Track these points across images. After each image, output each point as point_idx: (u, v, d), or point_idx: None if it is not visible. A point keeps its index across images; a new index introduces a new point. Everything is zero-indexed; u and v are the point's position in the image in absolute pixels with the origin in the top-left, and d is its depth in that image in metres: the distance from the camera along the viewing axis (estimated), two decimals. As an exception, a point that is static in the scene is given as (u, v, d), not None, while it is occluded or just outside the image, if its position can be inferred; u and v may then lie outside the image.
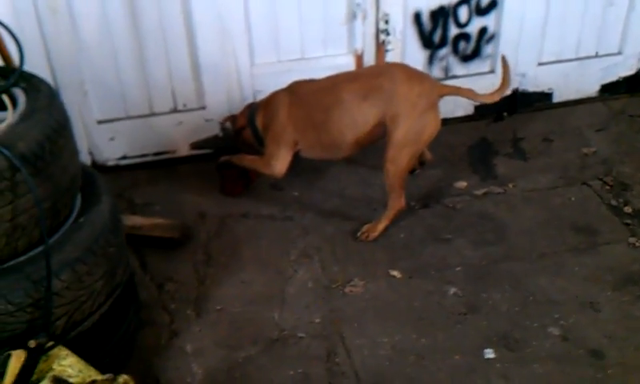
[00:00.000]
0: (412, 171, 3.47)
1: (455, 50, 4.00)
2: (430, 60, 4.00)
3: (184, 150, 3.83)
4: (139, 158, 3.79)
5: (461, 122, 4.15)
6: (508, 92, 3.22)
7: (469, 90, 3.15)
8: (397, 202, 3.18)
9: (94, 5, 3.34)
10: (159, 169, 3.83)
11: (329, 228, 3.35)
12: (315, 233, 3.32)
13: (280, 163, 3.25)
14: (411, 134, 3.03)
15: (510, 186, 3.63)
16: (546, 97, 4.29)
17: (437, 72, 4.05)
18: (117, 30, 3.43)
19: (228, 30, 3.56)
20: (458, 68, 4.07)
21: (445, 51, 3.99)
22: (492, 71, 4.09)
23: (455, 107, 3.99)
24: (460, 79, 4.03)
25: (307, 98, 3.21)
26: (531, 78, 4.19)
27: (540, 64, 4.17)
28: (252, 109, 3.40)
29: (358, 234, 3.25)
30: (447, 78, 4.06)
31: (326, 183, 3.70)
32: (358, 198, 3.58)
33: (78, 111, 3.51)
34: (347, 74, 3.31)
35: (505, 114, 4.22)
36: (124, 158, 3.77)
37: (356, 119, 3.08)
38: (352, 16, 3.71)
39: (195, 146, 3.77)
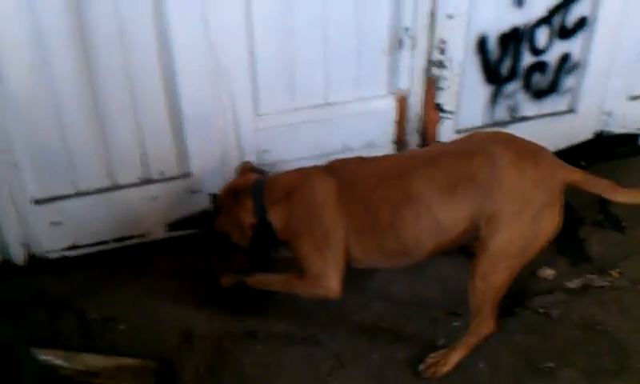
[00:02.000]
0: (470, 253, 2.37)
1: (527, 85, 3.05)
2: (494, 98, 3.04)
3: (159, 233, 2.79)
4: (95, 246, 2.75)
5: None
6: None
7: (607, 183, 2.08)
8: (484, 326, 2.19)
9: (23, 30, 2.27)
10: (124, 262, 2.77)
11: (374, 355, 2.35)
12: (354, 364, 2.31)
13: (333, 281, 2.21)
14: (518, 241, 2.03)
15: (614, 274, 2.69)
16: (632, 139, 3.33)
17: (500, 113, 3.07)
18: (59, 68, 2.38)
19: (223, 66, 2.53)
20: (529, 107, 3.13)
21: (514, 86, 3.03)
22: (571, 110, 3.19)
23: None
24: (530, 122, 3.09)
25: (363, 185, 2.18)
26: (619, 116, 3.24)
27: (632, 98, 3.19)
28: (257, 197, 2.30)
29: (421, 368, 2.25)
30: (513, 120, 3.06)
31: (360, 277, 2.65)
32: (408, 299, 2.60)
33: (7, 190, 2.47)
34: (422, 154, 2.33)
35: (583, 162, 3.20)
36: (73, 247, 2.72)
37: (439, 221, 2.07)
38: (397, 44, 2.73)
39: (175, 226, 2.70)
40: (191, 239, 2.77)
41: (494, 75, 2.93)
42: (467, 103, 2.93)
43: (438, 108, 2.89)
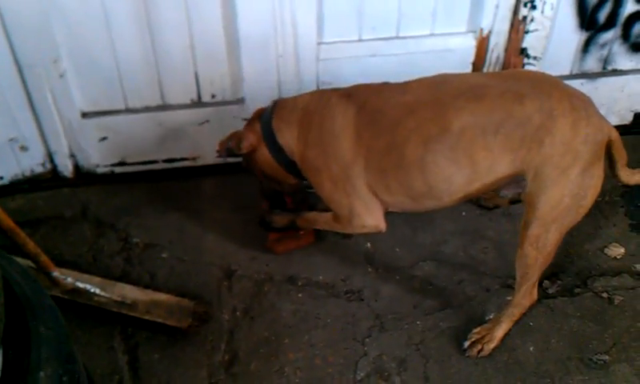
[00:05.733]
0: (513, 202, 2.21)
1: (626, 35, 2.68)
2: (586, 47, 2.69)
3: (209, 158, 2.64)
4: (144, 165, 2.65)
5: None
6: None
7: (624, 156, 1.87)
8: (527, 297, 2.05)
9: None
10: (171, 183, 2.68)
11: (417, 322, 2.21)
12: (395, 329, 2.19)
13: (368, 217, 2.05)
14: (568, 200, 1.81)
15: (693, 259, 2.42)
16: None
17: (590, 63, 2.73)
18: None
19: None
20: (623, 60, 2.77)
21: (610, 35, 2.67)
22: (673, 69, 2.76)
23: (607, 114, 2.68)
24: (623, 76, 2.79)
25: (387, 116, 1.93)
26: None
27: None
28: (265, 117, 2.14)
29: (466, 345, 2.11)
30: (603, 73, 2.74)
31: (413, 232, 2.50)
32: (461, 263, 2.43)
33: (52, 100, 2.37)
34: (461, 82, 1.94)
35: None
36: (121, 164, 2.63)
37: (475, 163, 1.83)
38: (485, -23, 2.39)
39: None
40: (241, 167, 2.65)
41: (589, 21, 2.57)
42: (555, 50, 2.60)
43: (523, 52, 2.58)
